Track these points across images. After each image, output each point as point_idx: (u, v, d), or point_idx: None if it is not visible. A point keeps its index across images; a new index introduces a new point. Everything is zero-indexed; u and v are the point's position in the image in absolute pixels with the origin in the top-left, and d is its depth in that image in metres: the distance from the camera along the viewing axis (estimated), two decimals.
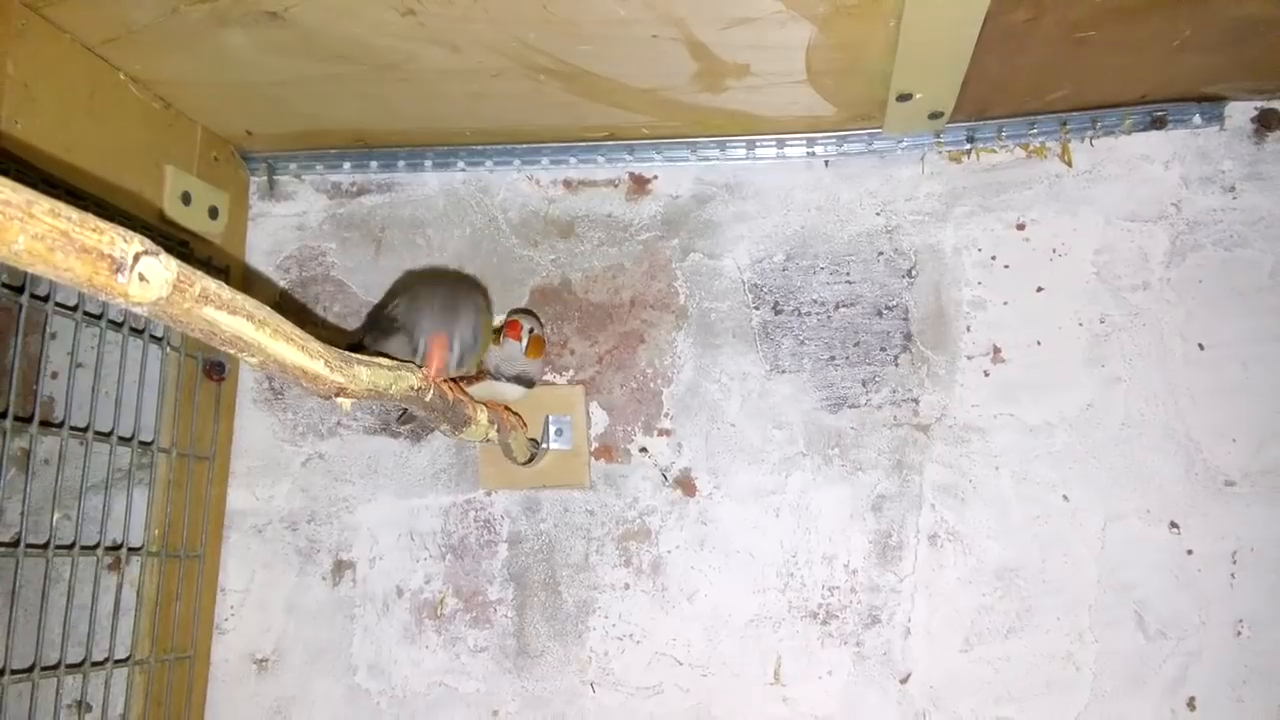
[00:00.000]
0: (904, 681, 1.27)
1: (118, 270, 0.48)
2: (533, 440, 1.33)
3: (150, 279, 0.50)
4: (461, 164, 1.45)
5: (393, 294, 1.23)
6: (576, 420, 1.36)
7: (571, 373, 1.39)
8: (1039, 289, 1.32)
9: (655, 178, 1.43)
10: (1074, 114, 1.32)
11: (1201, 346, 1.28)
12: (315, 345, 0.68)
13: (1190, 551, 1.24)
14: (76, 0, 1.05)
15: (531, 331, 1.22)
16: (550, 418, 1.35)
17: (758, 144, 1.39)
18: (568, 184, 1.44)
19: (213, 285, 0.56)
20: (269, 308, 0.62)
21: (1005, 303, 1.33)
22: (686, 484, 1.35)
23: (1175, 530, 1.25)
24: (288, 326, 0.64)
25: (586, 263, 1.42)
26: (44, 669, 1.13)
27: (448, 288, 1.16)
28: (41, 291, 1.13)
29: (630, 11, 1.04)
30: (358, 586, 1.39)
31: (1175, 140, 1.32)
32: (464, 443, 1.33)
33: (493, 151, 1.43)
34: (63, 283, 0.48)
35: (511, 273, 1.42)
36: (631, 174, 1.43)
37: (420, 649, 1.36)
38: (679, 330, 1.38)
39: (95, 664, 1.20)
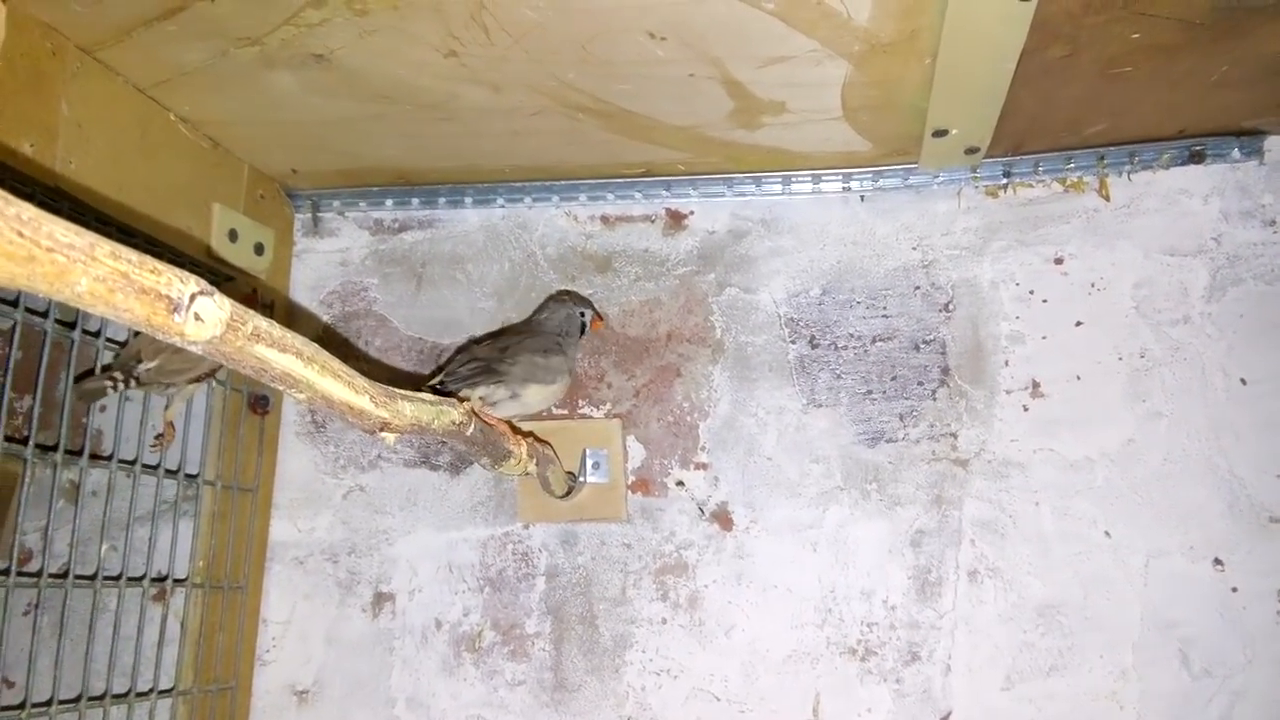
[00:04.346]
0: None
1: (175, 310, 0.50)
2: (570, 474, 1.34)
3: (205, 318, 0.51)
4: (501, 200, 1.47)
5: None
6: (613, 454, 1.36)
7: (608, 406, 1.40)
8: (1078, 323, 1.32)
9: (692, 213, 1.44)
10: (1111, 148, 1.32)
11: (1244, 381, 1.27)
12: (361, 381, 0.69)
13: (1235, 589, 1.23)
14: (129, 43, 1.08)
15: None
16: (587, 451, 1.36)
17: (793, 179, 1.40)
18: (605, 220, 1.46)
19: (264, 323, 0.57)
20: (317, 345, 0.63)
21: (1044, 337, 1.32)
22: (723, 518, 1.35)
23: (1219, 567, 1.23)
24: (335, 363, 0.65)
25: (623, 297, 1.43)
26: (90, 699, 1.14)
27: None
28: (93, 326, 1.16)
29: (667, 51, 1.05)
30: (397, 618, 1.40)
31: (1214, 174, 1.32)
32: (503, 476, 1.34)
33: (531, 188, 1.45)
34: (121, 322, 0.49)
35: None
36: (668, 209, 1.45)
37: (459, 681, 1.36)
38: (715, 364, 1.39)
39: (140, 694, 1.22)
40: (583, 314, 1.36)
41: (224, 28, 1.04)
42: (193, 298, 0.50)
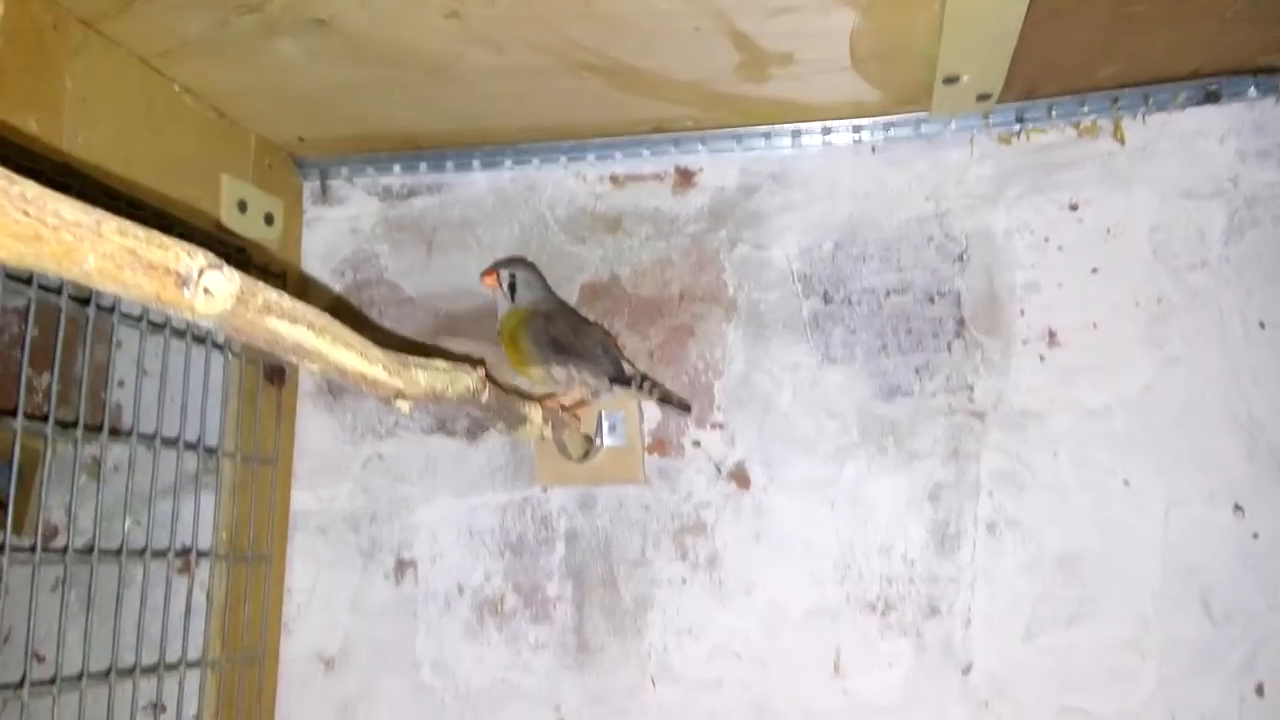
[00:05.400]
0: (966, 672, 1.26)
1: (183, 285, 0.49)
2: (587, 437, 1.34)
3: (215, 292, 0.51)
4: (509, 163, 1.46)
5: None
6: (629, 416, 1.36)
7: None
8: (1094, 270, 1.31)
9: (701, 170, 1.43)
10: (1125, 90, 1.30)
11: (1262, 325, 1.25)
12: (374, 351, 0.69)
13: (1256, 535, 1.22)
14: (131, 15, 1.07)
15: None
16: (603, 414, 1.36)
17: (803, 132, 1.38)
18: (614, 179, 1.45)
19: (274, 295, 0.57)
20: (328, 315, 0.63)
21: (1059, 285, 1.31)
22: (740, 476, 1.35)
23: (1240, 513, 1.23)
24: (347, 333, 0.65)
25: (635, 257, 1.43)
26: (120, 671, 1.16)
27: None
28: (107, 303, 1.16)
29: (672, 5, 1.04)
30: (420, 585, 1.41)
31: (1230, 114, 1.29)
32: (520, 441, 1.34)
33: (539, 149, 1.44)
34: (131, 299, 0.49)
35: (561, 269, 1.43)
36: (677, 167, 1.43)
37: (482, 646, 1.38)
38: (729, 322, 1.39)
39: (169, 666, 1.23)
40: None
41: None
42: (201, 271, 0.50)
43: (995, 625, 1.26)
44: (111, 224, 0.46)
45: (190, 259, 0.50)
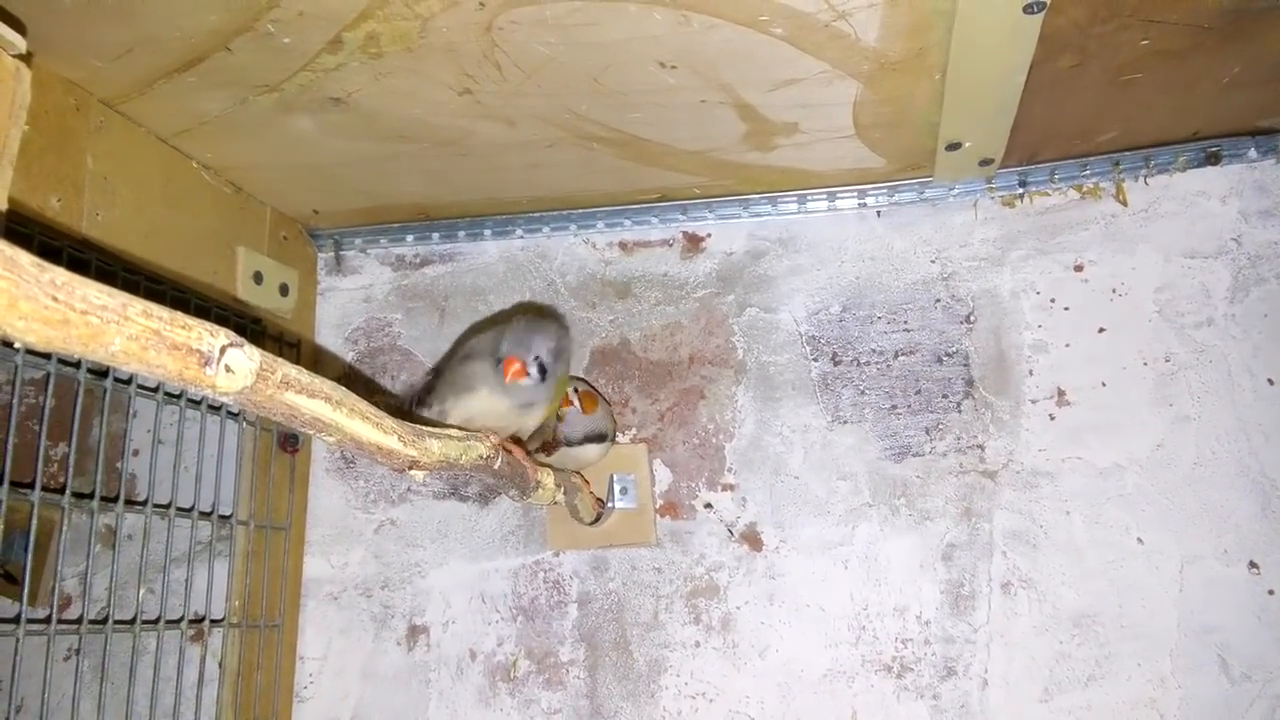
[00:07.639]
0: None
1: (206, 364, 0.51)
2: (599, 500, 1.34)
3: (236, 369, 0.53)
4: (520, 231, 1.48)
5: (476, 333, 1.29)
6: (641, 478, 1.37)
7: (634, 431, 1.41)
8: (1101, 330, 1.31)
9: (709, 235, 1.45)
10: (1126, 153, 1.32)
11: (1271, 381, 1.26)
12: (389, 422, 0.70)
13: (1271, 591, 1.21)
14: (151, 95, 1.10)
15: (576, 390, 1.27)
16: (615, 477, 1.36)
17: (809, 198, 1.40)
18: (623, 246, 1.47)
19: (293, 371, 0.58)
20: (344, 388, 0.64)
21: (1067, 345, 1.32)
22: (753, 538, 1.35)
23: (1255, 570, 1.22)
24: (363, 405, 0.66)
25: (644, 322, 1.44)
26: None
27: (529, 316, 1.09)
28: (124, 374, 1.18)
29: (678, 79, 1.07)
30: (432, 651, 1.40)
31: (1231, 175, 1.31)
32: (531, 506, 1.35)
33: (549, 218, 1.47)
34: (154, 378, 0.50)
35: (572, 334, 1.44)
36: (685, 233, 1.46)
37: (495, 712, 1.37)
38: (738, 385, 1.39)
39: None
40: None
41: (242, 76, 1.06)
42: (223, 350, 0.51)
43: (1012, 686, 1.25)
44: (137, 306, 0.47)
45: (213, 338, 0.51)
